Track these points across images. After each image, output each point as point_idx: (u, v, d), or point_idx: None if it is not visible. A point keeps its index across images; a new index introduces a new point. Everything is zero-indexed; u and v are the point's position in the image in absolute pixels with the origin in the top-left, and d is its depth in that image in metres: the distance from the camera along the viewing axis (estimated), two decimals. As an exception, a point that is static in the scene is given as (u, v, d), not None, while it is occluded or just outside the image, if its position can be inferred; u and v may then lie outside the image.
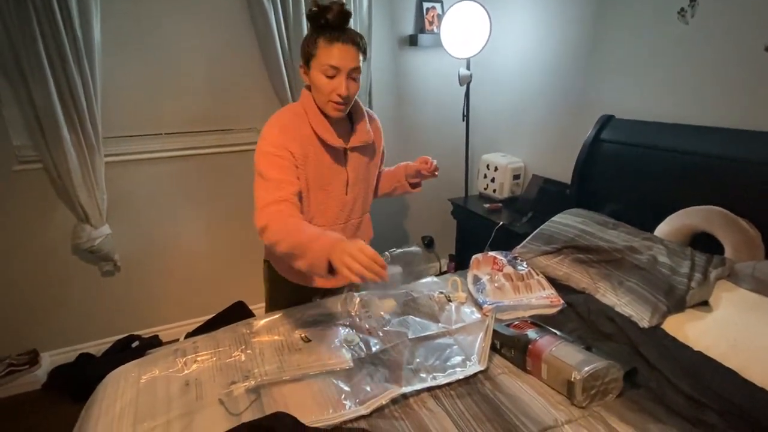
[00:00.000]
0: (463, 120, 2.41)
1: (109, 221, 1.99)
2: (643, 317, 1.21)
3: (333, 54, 1.11)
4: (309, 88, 1.22)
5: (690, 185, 1.53)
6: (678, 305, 1.22)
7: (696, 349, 1.11)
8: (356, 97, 1.26)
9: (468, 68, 2.26)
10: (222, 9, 2.01)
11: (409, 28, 2.46)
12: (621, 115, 1.83)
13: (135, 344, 2.13)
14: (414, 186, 1.52)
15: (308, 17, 1.15)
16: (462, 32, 2.14)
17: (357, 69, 1.15)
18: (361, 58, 1.15)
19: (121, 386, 1.10)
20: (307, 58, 1.16)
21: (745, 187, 1.38)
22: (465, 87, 2.32)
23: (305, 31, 2.04)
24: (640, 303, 1.25)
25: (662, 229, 1.51)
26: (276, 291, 1.45)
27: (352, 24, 2.12)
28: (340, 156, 1.27)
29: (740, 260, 1.31)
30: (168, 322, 2.29)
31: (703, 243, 1.42)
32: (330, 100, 1.16)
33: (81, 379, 1.91)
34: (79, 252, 2.01)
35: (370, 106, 2.47)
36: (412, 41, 2.45)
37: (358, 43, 1.14)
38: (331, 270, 0.96)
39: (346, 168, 1.29)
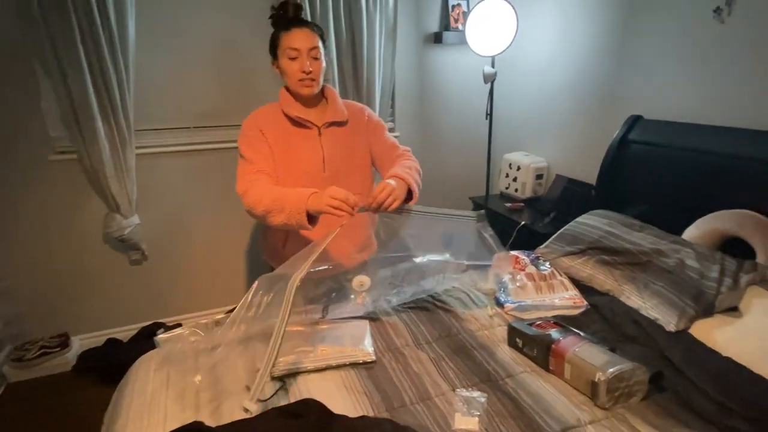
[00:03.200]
0: (487, 118, 2.40)
1: (138, 211, 2.06)
2: (669, 321, 1.20)
3: (292, 38, 1.30)
4: (285, 86, 1.40)
5: (721, 188, 1.49)
6: (706, 310, 1.20)
7: (725, 354, 1.09)
8: (327, 83, 1.44)
9: (493, 66, 2.25)
10: (250, 5, 2.04)
11: (434, 26, 2.46)
12: (649, 115, 1.80)
13: (160, 332, 2.19)
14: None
15: (271, 19, 1.35)
16: (488, 29, 2.13)
17: (316, 48, 1.31)
18: (319, 42, 1.32)
19: (152, 370, 1.14)
20: (274, 50, 1.35)
21: (781, 191, 1.35)
22: (489, 85, 2.31)
23: (332, 27, 2.07)
24: (667, 306, 1.23)
25: (691, 233, 1.48)
26: None
27: (377, 22, 2.14)
28: (313, 135, 1.39)
29: (773, 266, 1.27)
30: (192, 311, 2.35)
31: (734, 248, 1.39)
32: (298, 79, 1.32)
33: (108, 363, 1.98)
34: (110, 240, 2.08)
35: (393, 104, 2.49)
36: (437, 38, 2.45)
37: (313, 28, 1.33)
38: (310, 220, 1.16)
39: (321, 145, 1.39)
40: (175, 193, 2.17)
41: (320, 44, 1.33)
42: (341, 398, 1.02)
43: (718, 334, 1.14)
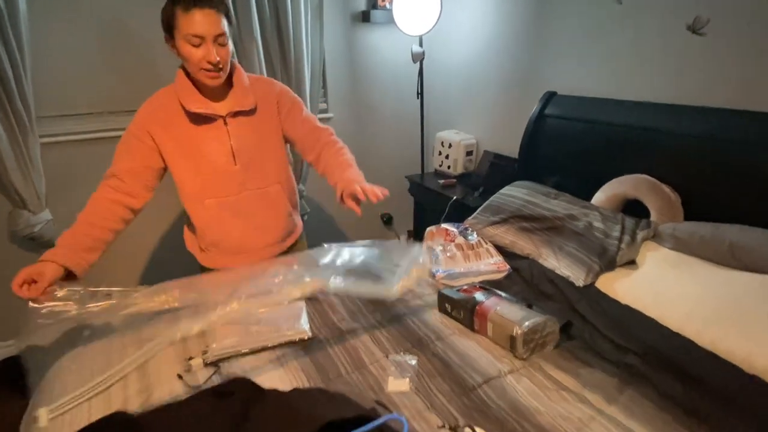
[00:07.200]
0: (418, 97, 2.45)
1: (50, 206, 1.89)
2: (578, 277, 1.32)
3: (193, 22, 1.08)
4: (182, 66, 1.21)
5: (623, 156, 1.65)
6: (609, 265, 1.34)
7: (623, 302, 1.23)
8: (234, 61, 1.25)
9: (421, 45, 2.29)
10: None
11: (361, 4, 2.44)
12: (563, 91, 1.93)
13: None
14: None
15: None
16: (414, 9, 2.15)
17: (223, 35, 1.12)
18: (225, 22, 1.12)
19: (75, 367, 1.08)
20: (169, 29, 1.13)
21: (669, 156, 1.52)
22: (418, 64, 2.35)
23: (254, 4, 1.98)
24: (577, 265, 1.36)
25: (598, 197, 1.63)
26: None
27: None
28: (217, 124, 1.24)
29: (663, 222, 1.44)
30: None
31: (634, 208, 1.55)
32: (201, 68, 1.13)
33: (25, 375, 1.83)
34: (18, 240, 1.90)
35: (324, 83, 2.46)
36: (365, 17, 2.43)
37: (218, 7, 1.11)
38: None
39: (228, 136, 1.25)
40: (92, 185, 1.99)
41: (227, 27, 1.14)
42: (278, 377, 1.04)
43: (618, 286, 1.29)
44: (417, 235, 2.70)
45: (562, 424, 0.89)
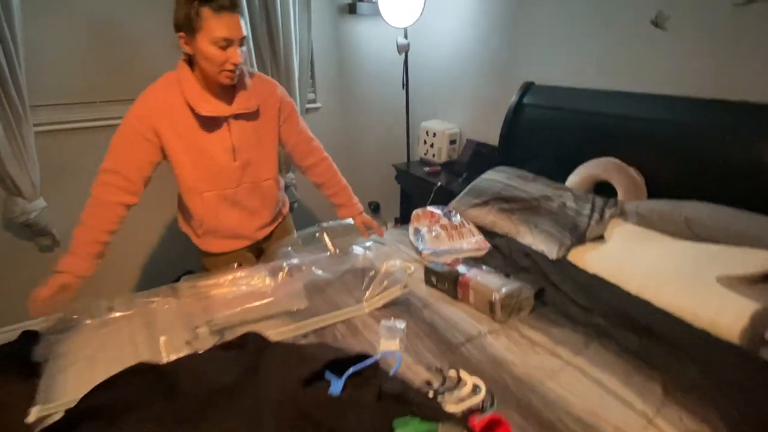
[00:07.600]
0: (403, 88, 2.54)
1: (45, 194, 1.93)
2: (552, 251, 1.45)
3: (223, 26, 1.11)
4: (185, 59, 1.23)
5: (594, 141, 1.78)
6: (579, 240, 1.47)
7: (591, 272, 1.36)
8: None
9: (406, 37, 2.37)
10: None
11: (347, -3, 2.52)
12: (540, 82, 2.05)
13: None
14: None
15: None
16: (399, 1, 2.24)
17: (245, 38, 1.19)
18: (243, 23, 1.18)
19: (84, 338, 1.15)
20: (190, 28, 1.13)
21: (634, 140, 1.65)
22: (404, 56, 2.44)
23: (243, -3, 2.04)
24: (550, 240, 1.48)
25: (571, 180, 1.76)
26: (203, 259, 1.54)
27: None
28: (220, 123, 1.28)
29: (628, 201, 1.58)
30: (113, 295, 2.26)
31: (604, 189, 1.68)
32: (224, 69, 1.17)
33: (27, 357, 1.87)
34: (13, 227, 1.93)
35: (312, 74, 2.53)
36: (351, 9, 2.51)
37: (241, 11, 1.17)
38: None
39: (230, 135, 1.31)
40: (86, 173, 2.01)
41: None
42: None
43: (588, 258, 1.41)
44: (404, 221, 2.80)
45: (535, 373, 1.01)
